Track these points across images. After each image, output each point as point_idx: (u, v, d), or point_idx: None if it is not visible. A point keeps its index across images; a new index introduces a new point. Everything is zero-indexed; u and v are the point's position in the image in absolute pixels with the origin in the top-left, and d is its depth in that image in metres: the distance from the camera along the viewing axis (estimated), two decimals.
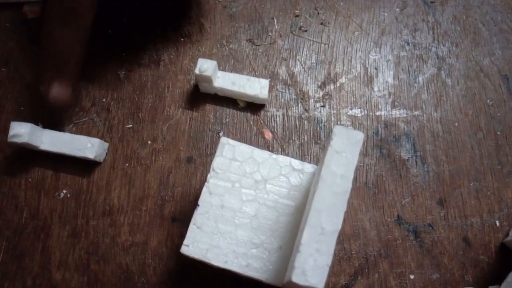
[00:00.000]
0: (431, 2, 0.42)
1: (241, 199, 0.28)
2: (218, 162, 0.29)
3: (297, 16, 0.41)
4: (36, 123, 0.35)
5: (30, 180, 0.34)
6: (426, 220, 0.35)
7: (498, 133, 0.38)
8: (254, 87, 0.36)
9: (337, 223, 0.21)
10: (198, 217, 0.28)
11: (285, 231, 0.28)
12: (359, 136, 0.23)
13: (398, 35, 0.40)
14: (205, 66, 0.34)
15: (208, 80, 0.35)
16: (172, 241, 0.33)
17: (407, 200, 0.35)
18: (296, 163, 0.30)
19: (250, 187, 0.29)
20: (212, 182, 0.29)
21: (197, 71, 0.34)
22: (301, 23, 0.40)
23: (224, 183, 0.29)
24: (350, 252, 0.34)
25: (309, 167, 0.30)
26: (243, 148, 0.30)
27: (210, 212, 0.28)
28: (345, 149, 0.22)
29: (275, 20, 0.40)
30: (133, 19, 0.40)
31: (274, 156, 0.30)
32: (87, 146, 0.33)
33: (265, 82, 0.36)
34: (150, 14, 0.40)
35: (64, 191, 0.34)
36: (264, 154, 0.30)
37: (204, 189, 0.28)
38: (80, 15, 0.29)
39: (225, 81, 0.36)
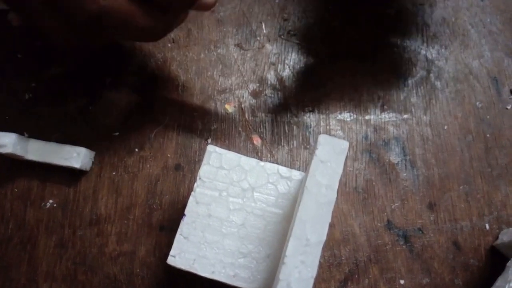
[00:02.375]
0: (420, 4, 0.42)
1: (229, 208, 0.28)
2: (204, 170, 0.29)
3: (285, 20, 0.40)
4: (22, 133, 0.34)
5: (16, 190, 0.34)
6: (416, 225, 0.35)
7: (488, 135, 0.38)
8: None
9: (322, 234, 0.21)
10: (184, 227, 0.27)
11: (273, 240, 0.28)
12: (344, 145, 0.23)
13: (386, 38, 0.40)
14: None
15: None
16: (160, 250, 0.32)
17: (397, 204, 0.35)
18: (283, 170, 0.29)
19: (237, 195, 0.28)
20: (199, 191, 0.28)
21: None
22: (290, 27, 0.40)
23: (211, 192, 0.28)
24: (340, 258, 0.33)
25: (296, 174, 0.29)
26: (230, 156, 0.29)
27: (197, 221, 0.28)
28: (330, 159, 0.22)
29: (263, 24, 0.40)
30: None
31: (262, 163, 0.30)
32: (72, 155, 0.32)
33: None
34: None
35: (51, 200, 0.34)
36: (252, 161, 0.30)
37: (191, 199, 0.28)
38: None
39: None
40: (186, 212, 0.28)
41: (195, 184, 0.28)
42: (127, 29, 0.27)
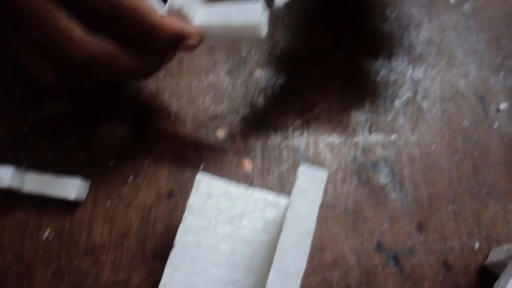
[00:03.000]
0: (406, 26, 0.43)
1: (217, 236, 0.29)
2: (194, 199, 0.30)
3: (274, 45, 0.42)
4: (19, 164, 0.36)
5: (14, 221, 0.35)
6: (406, 246, 0.35)
7: (475, 154, 0.38)
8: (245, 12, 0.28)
9: (302, 264, 0.22)
10: (174, 257, 0.28)
11: (261, 267, 0.28)
12: (323, 175, 0.24)
13: (373, 60, 0.41)
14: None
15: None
16: (154, 278, 0.33)
17: (386, 226, 0.36)
18: (271, 196, 0.30)
19: (226, 223, 0.29)
20: (188, 221, 0.29)
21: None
22: (279, 52, 0.41)
23: (200, 221, 0.29)
24: (331, 282, 0.34)
25: (284, 201, 0.30)
26: (219, 184, 0.30)
27: (187, 251, 0.28)
28: (309, 189, 0.23)
29: (252, 50, 0.41)
30: None
31: (250, 190, 0.31)
32: (68, 187, 0.33)
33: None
34: None
35: (47, 231, 0.35)
36: (240, 189, 0.30)
37: (180, 228, 0.29)
38: None
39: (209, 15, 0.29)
40: (175, 242, 0.29)
41: (185, 214, 0.29)
42: (114, 71, 0.28)
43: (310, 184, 0.23)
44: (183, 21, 0.28)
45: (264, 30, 0.29)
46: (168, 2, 0.28)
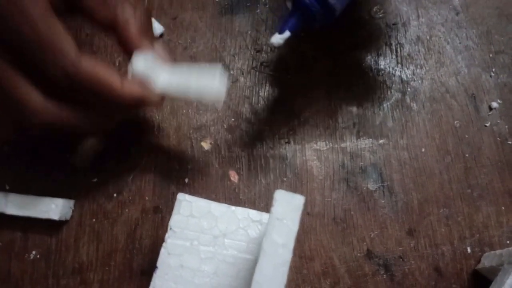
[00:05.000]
0: (393, 24, 0.42)
1: (200, 257, 0.28)
2: (175, 220, 0.29)
3: (258, 51, 0.41)
4: (3, 185, 0.35)
5: (0, 243, 0.35)
6: (396, 252, 0.35)
7: (467, 155, 0.37)
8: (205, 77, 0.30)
9: None
10: (157, 279, 0.28)
11: (245, 286, 0.28)
12: (300, 200, 0.23)
13: (360, 62, 0.40)
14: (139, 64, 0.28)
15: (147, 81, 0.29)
16: None
17: (376, 232, 0.35)
18: (254, 214, 0.30)
19: (208, 243, 0.29)
20: (170, 242, 0.29)
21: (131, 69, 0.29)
22: (263, 59, 0.40)
23: (182, 242, 0.29)
24: None
25: (267, 217, 0.30)
26: (201, 204, 0.30)
27: (169, 273, 0.28)
28: (286, 216, 0.22)
29: (236, 57, 0.40)
30: None
31: (233, 208, 0.30)
32: (51, 208, 0.33)
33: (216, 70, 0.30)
34: None
35: (34, 252, 0.35)
36: (222, 207, 0.30)
37: (162, 250, 0.28)
38: None
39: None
40: (158, 264, 0.28)
41: (166, 235, 0.29)
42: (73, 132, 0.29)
43: (287, 211, 0.22)
44: (144, 86, 0.29)
45: (222, 94, 0.30)
46: (130, 68, 0.29)
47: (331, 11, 0.32)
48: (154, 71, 0.29)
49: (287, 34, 0.32)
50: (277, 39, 0.32)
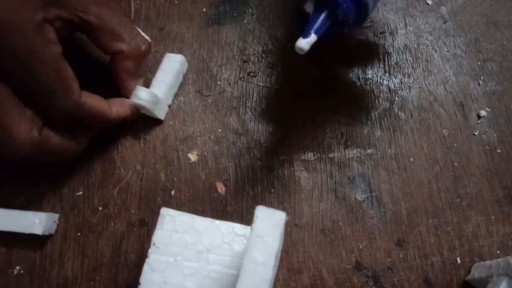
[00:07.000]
0: (381, 33, 0.41)
1: (184, 273, 0.28)
2: (158, 235, 0.29)
3: (245, 61, 0.40)
4: None
5: None
6: (385, 263, 0.35)
7: (456, 164, 0.37)
8: None
9: None
10: None
11: None
12: (281, 216, 0.23)
13: (347, 71, 0.40)
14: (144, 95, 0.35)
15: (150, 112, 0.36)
16: None
17: (364, 244, 0.35)
18: (239, 228, 0.29)
19: (192, 259, 0.28)
20: (153, 258, 0.28)
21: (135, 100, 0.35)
22: (250, 69, 0.40)
23: (165, 257, 0.28)
24: None
25: None
26: (184, 218, 0.29)
27: None
28: (267, 233, 0.22)
29: (223, 68, 0.40)
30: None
31: (217, 222, 0.30)
32: (34, 222, 0.33)
33: None
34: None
35: (17, 267, 0.34)
36: (206, 222, 0.30)
37: (145, 266, 0.28)
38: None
39: None
40: (140, 281, 0.28)
41: (149, 250, 0.29)
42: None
43: (268, 227, 0.22)
44: (124, 104, 0.35)
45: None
46: (135, 98, 0.35)
47: (364, 8, 0.28)
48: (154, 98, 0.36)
49: (313, 38, 0.29)
50: (303, 43, 0.28)
